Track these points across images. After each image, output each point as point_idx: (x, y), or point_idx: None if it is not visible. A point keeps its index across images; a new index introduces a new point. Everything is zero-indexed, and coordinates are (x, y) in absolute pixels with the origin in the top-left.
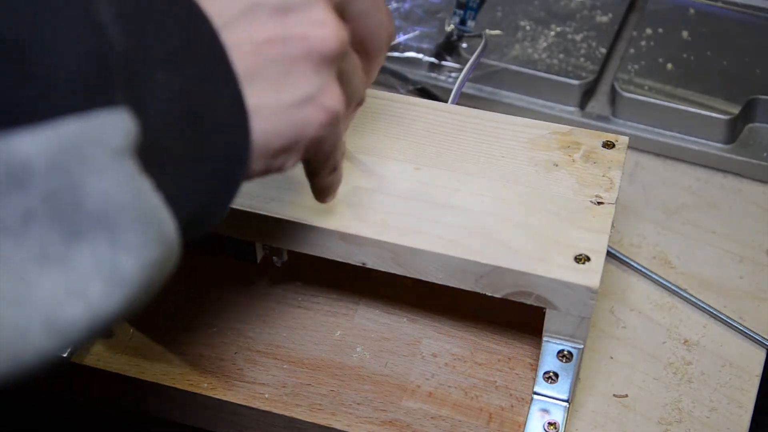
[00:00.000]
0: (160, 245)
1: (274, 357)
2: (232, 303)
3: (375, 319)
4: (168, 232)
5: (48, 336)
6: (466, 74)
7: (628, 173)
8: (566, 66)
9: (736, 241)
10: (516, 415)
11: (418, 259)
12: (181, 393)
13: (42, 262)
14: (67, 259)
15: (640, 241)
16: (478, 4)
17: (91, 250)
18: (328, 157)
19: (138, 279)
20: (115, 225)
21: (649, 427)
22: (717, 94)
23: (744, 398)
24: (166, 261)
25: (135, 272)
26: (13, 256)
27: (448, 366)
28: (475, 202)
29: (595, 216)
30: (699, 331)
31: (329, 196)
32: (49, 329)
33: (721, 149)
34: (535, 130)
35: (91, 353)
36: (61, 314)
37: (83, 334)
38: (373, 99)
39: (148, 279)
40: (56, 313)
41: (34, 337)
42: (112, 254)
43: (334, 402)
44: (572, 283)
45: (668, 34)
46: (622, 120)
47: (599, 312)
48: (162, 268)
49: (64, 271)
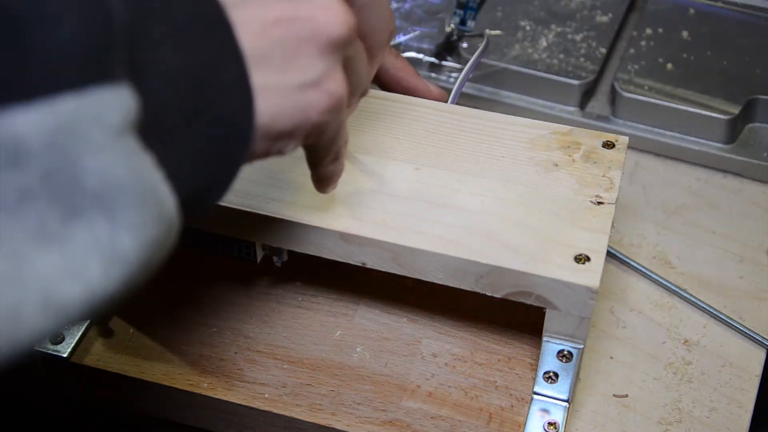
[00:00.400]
0: (160, 223)
1: (274, 357)
2: (232, 303)
3: (375, 319)
4: (168, 210)
5: (45, 315)
6: (466, 74)
7: (628, 173)
8: (566, 66)
9: (736, 241)
10: (516, 415)
11: (418, 259)
12: (181, 393)
13: (39, 240)
14: (64, 237)
15: (640, 241)
16: (478, 4)
17: (90, 229)
18: (330, 145)
19: (137, 258)
20: (114, 203)
21: (649, 427)
22: (717, 94)
23: (744, 398)
24: (165, 239)
25: (134, 251)
26: (10, 234)
27: (448, 366)
28: (475, 202)
29: (595, 216)
30: (699, 331)
31: (330, 186)
32: (45, 308)
33: (721, 149)
34: (535, 130)
35: (91, 353)
36: (58, 293)
37: (81, 313)
38: (373, 99)
39: (147, 258)
40: (53, 292)
41: (30, 316)
42: (111, 233)
43: (334, 402)
44: (572, 283)
45: (668, 34)
46: (622, 120)
47: (599, 312)
48: (161, 247)
49: (62, 250)
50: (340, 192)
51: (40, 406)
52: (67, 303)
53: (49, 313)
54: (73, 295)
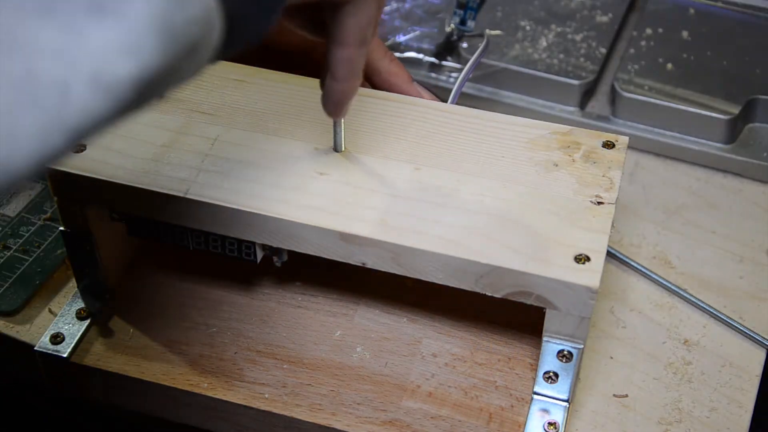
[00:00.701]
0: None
1: (274, 357)
2: (232, 303)
3: (375, 319)
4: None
5: (93, 93)
6: (466, 74)
7: (628, 173)
8: (566, 66)
9: (736, 241)
10: (516, 415)
11: (418, 259)
12: (181, 393)
13: (95, 12)
14: (121, 10)
15: (640, 241)
16: (478, 4)
17: (146, 1)
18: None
19: (184, 35)
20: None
21: (649, 427)
22: (717, 94)
23: (744, 398)
24: (207, 26)
25: (183, 27)
26: (64, 4)
27: (448, 366)
28: (475, 202)
29: (595, 216)
30: (699, 331)
31: (342, 107)
32: (95, 85)
33: (721, 149)
34: (535, 130)
35: (91, 353)
36: (110, 69)
37: (129, 93)
38: (374, 99)
39: (192, 38)
40: (105, 67)
41: (78, 93)
42: (165, 6)
43: (334, 402)
44: (572, 283)
45: (668, 34)
46: (622, 120)
47: (599, 312)
48: (204, 31)
49: (118, 23)
50: (341, 192)
51: (40, 406)
52: (118, 80)
53: (99, 90)
54: (124, 71)
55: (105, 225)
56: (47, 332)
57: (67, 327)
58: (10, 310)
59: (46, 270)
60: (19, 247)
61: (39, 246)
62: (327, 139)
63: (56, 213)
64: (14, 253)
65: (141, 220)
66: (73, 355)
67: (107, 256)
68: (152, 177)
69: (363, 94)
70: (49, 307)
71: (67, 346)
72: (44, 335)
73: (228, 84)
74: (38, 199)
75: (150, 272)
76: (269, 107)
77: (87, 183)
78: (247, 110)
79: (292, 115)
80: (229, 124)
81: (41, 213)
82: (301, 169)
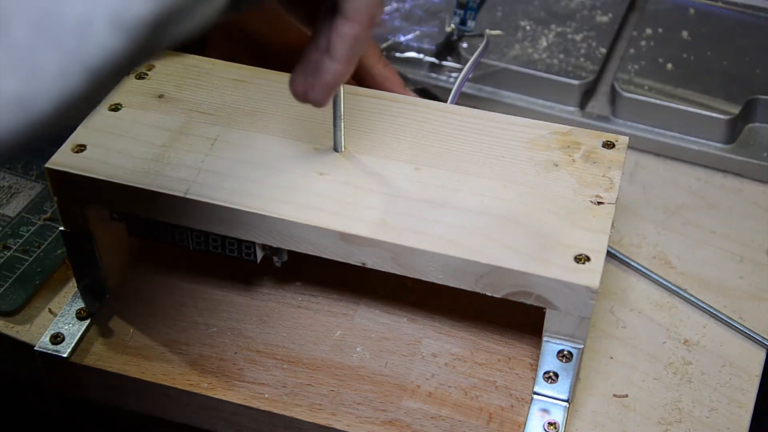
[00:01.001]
0: None
1: (274, 357)
2: (232, 303)
3: (375, 319)
4: None
5: (113, 32)
6: (466, 74)
7: (628, 173)
8: (566, 66)
9: (736, 241)
10: (516, 415)
11: (418, 259)
12: (181, 393)
13: None
14: None
15: (640, 241)
16: (479, 4)
17: None
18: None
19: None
20: None
21: (649, 427)
22: (717, 94)
23: (744, 398)
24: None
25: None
26: None
27: (448, 366)
28: (475, 202)
29: (595, 216)
30: (699, 331)
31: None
32: (115, 25)
33: (721, 149)
34: (535, 130)
35: (91, 353)
36: (130, 6)
37: (146, 33)
38: (373, 99)
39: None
40: (125, 7)
41: (98, 31)
42: None
43: (334, 402)
44: (572, 283)
45: (668, 34)
46: (622, 120)
47: (599, 312)
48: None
49: None
50: (341, 192)
51: (40, 406)
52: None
53: (118, 30)
54: (145, 9)
55: (105, 225)
56: (47, 332)
57: (67, 327)
58: (10, 310)
59: (46, 270)
60: (19, 247)
61: (39, 246)
62: (327, 139)
63: (56, 213)
64: (14, 253)
65: (141, 220)
66: (73, 355)
67: (107, 256)
68: (152, 177)
69: (363, 94)
70: (49, 307)
71: (67, 346)
72: (44, 335)
73: (228, 84)
74: (38, 199)
75: (150, 272)
76: (269, 107)
77: (87, 183)
78: (247, 110)
79: (292, 115)
80: (229, 124)
81: (41, 213)
82: (301, 169)
